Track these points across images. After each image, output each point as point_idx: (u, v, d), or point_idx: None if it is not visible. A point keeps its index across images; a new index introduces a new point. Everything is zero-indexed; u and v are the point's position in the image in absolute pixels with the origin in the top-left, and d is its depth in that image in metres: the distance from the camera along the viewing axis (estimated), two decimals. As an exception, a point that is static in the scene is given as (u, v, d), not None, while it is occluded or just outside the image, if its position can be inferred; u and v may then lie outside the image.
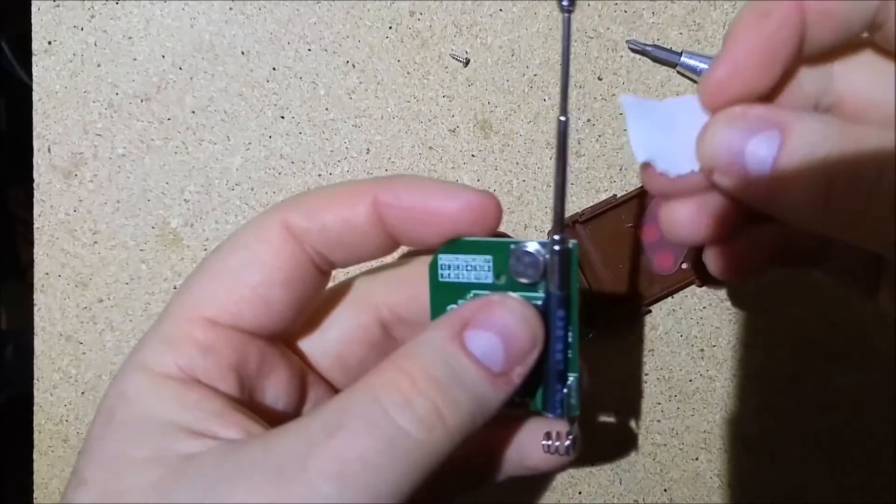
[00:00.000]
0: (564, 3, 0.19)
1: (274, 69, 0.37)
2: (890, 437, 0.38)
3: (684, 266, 0.37)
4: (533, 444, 0.24)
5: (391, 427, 0.18)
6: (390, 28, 0.37)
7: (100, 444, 0.19)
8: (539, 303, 0.21)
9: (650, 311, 0.38)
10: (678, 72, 0.37)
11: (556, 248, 0.20)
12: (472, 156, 0.37)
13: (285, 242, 0.22)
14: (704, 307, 0.38)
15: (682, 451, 0.38)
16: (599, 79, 0.37)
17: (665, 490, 0.39)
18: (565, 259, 0.21)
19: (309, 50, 0.37)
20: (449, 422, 0.18)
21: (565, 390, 0.22)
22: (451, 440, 0.18)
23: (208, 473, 0.18)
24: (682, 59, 0.36)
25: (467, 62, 0.37)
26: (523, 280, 0.21)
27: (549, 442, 0.23)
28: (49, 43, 0.36)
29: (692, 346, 0.38)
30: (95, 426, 0.20)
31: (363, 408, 0.18)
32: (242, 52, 0.37)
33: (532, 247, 0.21)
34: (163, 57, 0.37)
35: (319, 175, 0.37)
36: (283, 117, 0.37)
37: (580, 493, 0.38)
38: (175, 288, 0.37)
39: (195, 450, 0.18)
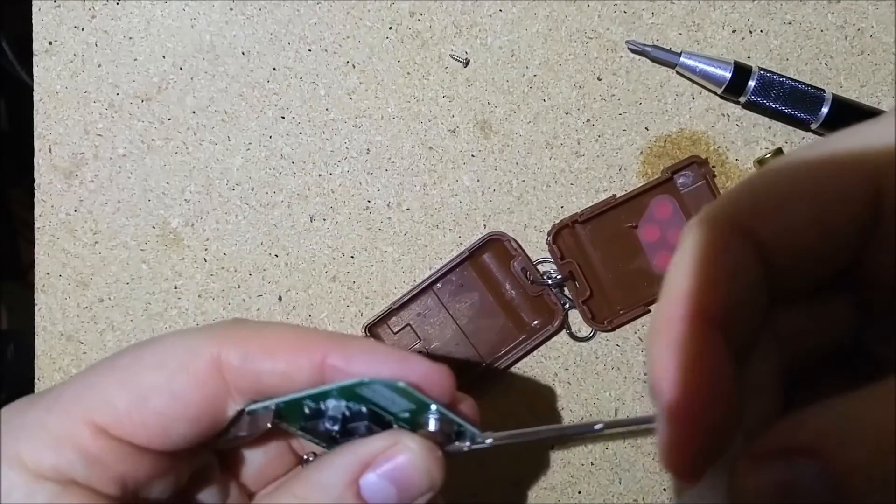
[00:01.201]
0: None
1: (274, 69, 0.37)
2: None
3: (684, 266, 0.37)
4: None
5: None
6: (390, 28, 0.37)
7: None
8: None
9: (650, 311, 0.38)
10: (678, 72, 0.37)
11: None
12: (472, 156, 0.37)
13: (210, 381, 0.20)
14: (704, 307, 0.38)
15: (681, 451, 0.38)
16: (599, 79, 0.37)
17: (665, 490, 0.39)
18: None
19: (309, 50, 0.37)
20: None
21: None
22: None
23: None
24: (682, 59, 0.36)
25: (467, 63, 0.37)
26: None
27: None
28: (50, 43, 0.36)
29: (692, 346, 0.38)
30: None
31: None
32: (243, 53, 0.37)
33: (433, 427, 0.21)
34: (163, 57, 0.37)
35: (320, 175, 0.37)
36: (283, 117, 0.37)
37: (580, 492, 0.38)
38: (175, 288, 0.37)
39: None
